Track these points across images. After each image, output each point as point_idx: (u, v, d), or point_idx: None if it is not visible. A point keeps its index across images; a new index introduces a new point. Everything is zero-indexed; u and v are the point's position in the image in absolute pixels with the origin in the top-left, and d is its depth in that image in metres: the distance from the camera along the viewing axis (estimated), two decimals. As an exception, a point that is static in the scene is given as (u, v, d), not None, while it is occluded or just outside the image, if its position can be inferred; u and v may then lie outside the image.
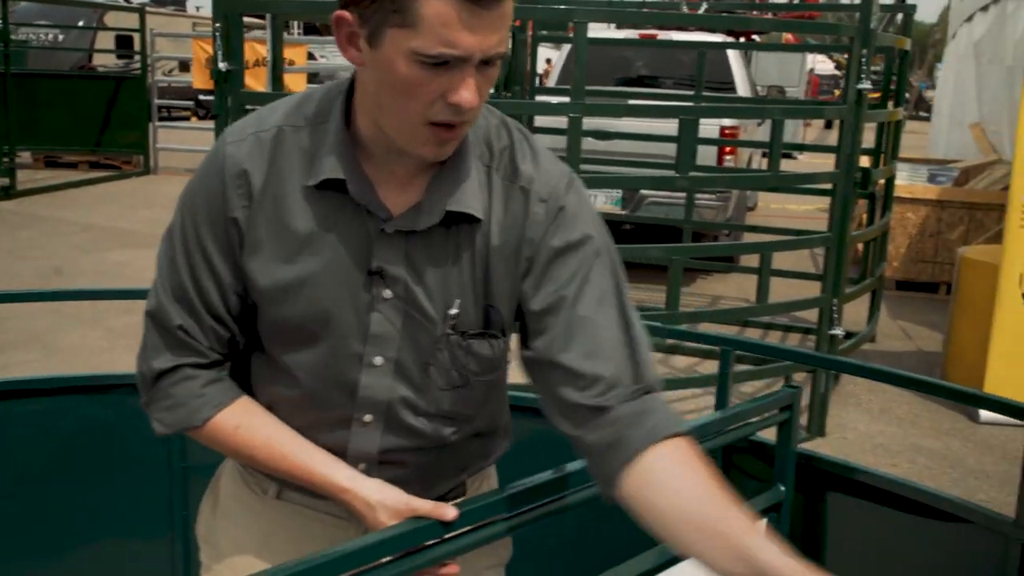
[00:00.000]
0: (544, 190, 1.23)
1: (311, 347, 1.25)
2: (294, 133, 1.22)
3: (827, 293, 4.19)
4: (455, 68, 1.09)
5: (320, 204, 1.21)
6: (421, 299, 1.23)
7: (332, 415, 1.28)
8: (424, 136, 1.14)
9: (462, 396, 1.30)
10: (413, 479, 1.32)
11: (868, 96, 4.04)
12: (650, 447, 1.13)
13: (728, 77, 8.20)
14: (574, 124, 3.62)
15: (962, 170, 8.27)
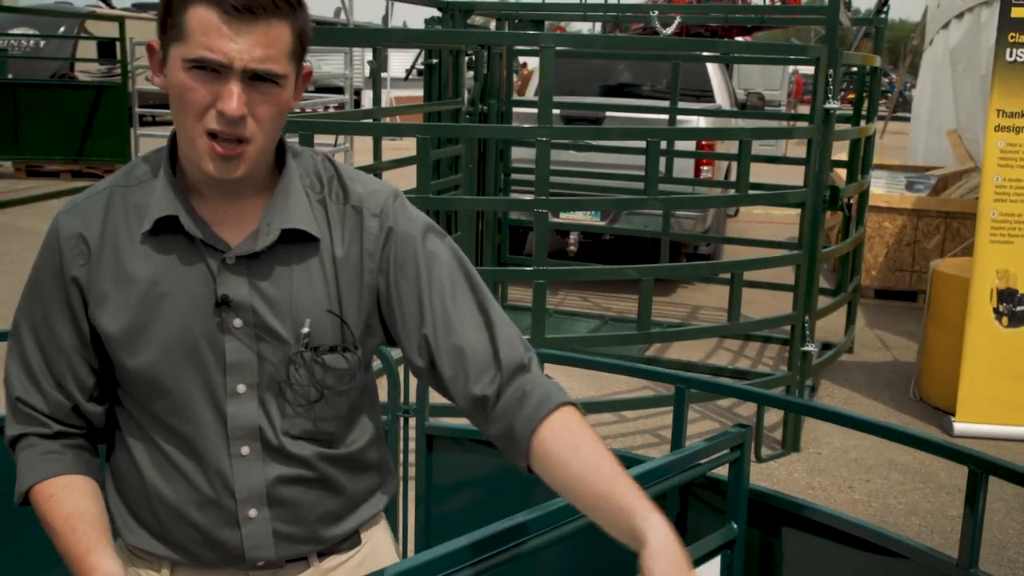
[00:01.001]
0: (375, 206, 1.33)
1: (174, 389, 1.29)
2: (124, 192, 1.30)
3: (799, 311, 4.21)
4: (222, 78, 1.18)
5: (159, 248, 1.27)
6: (271, 322, 1.28)
7: (211, 455, 1.30)
8: (204, 147, 1.21)
9: (322, 412, 1.33)
10: (305, 522, 1.35)
11: (836, 114, 4.06)
12: (536, 430, 1.22)
13: (706, 85, 8.23)
14: (542, 148, 3.64)
15: (940, 178, 8.32)
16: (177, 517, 1.33)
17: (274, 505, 1.33)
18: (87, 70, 16.41)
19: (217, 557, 1.34)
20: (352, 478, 1.40)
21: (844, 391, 5.55)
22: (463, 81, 6.02)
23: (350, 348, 1.33)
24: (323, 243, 1.31)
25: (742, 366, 5.80)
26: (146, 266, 1.27)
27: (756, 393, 2.13)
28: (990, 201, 4.94)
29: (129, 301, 1.27)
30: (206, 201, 1.29)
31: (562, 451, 1.20)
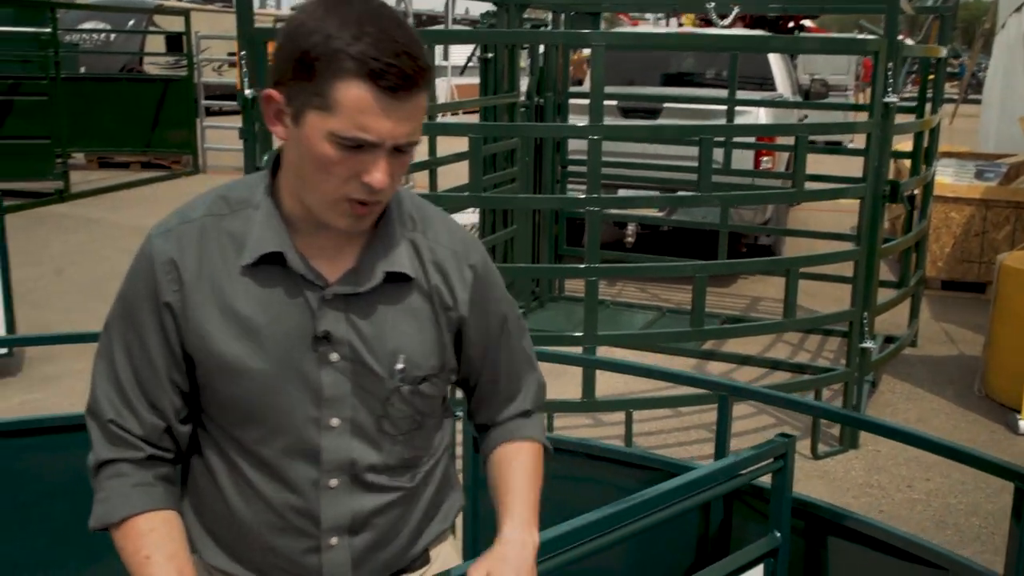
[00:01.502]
0: (467, 254, 1.40)
1: (267, 419, 1.30)
2: (218, 221, 1.30)
3: (857, 307, 4.14)
4: (369, 151, 1.19)
5: (259, 281, 1.28)
6: (367, 357, 1.31)
7: (298, 484, 1.32)
8: (341, 210, 1.23)
9: (415, 440, 1.39)
10: (382, 547, 1.38)
11: (896, 108, 3.97)
12: (501, 445, 1.48)
13: (768, 73, 8.11)
14: (594, 147, 3.63)
15: (1011, 166, 8.08)
16: (257, 540, 1.35)
17: (355, 533, 1.36)
18: (156, 63, 16.78)
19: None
20: (427, 499, 1.44)
21: (906, 386, 5.44)
22: (519, 74, 6.02)
23: (440, 375, 1.39)
24: (417, 280, 1.35)
25: (801, 359, 5.72)
26: (246, 297, 1.28)
27: (797, 402, 2.11)
28: (1060, 193, 4.79)
29: (229, 331, 1.28)
30: (302, 235, 1.30)
31: (501, 462, 1.46)
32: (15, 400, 4.91)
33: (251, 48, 3.77)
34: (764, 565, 1.96)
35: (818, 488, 4.16)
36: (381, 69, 1.14)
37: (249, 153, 3.92)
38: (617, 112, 6.99)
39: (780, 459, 1.93)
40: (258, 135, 3.86)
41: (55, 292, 6.92)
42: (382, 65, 1.14)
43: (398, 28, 1.18)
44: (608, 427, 4.67)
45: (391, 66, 1.15)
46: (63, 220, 9.53)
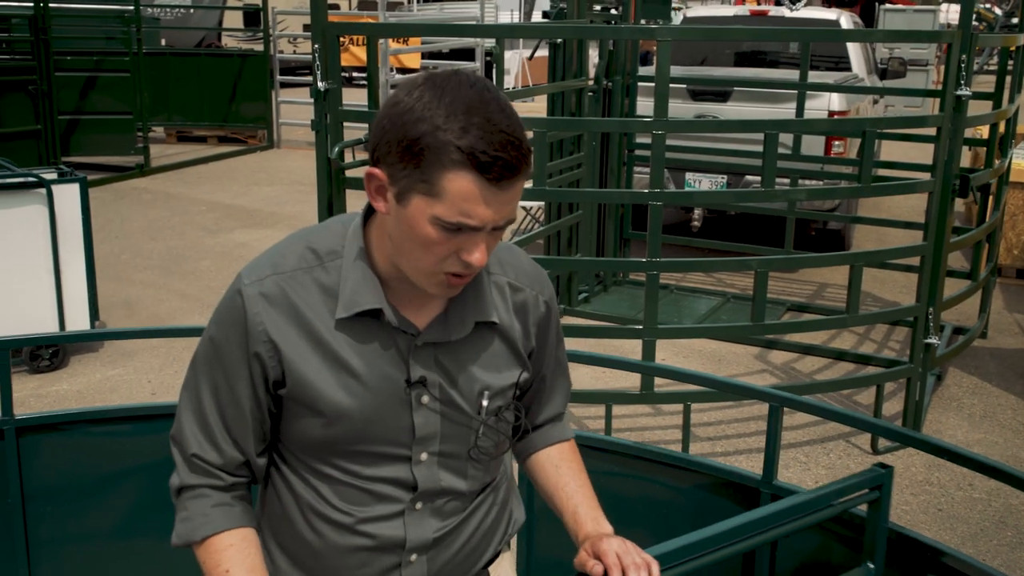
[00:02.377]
0: (542, 289, 1.50)
1: (360, 455, 1.40)
2: (308, 272, 1.36)
3: (922, 302, 4.10)
4: (470, 233, 1.26)
5: (354, 331, 1.36)
6: (456, 398, 1.41)
7: (384, 510, 1.42)
8: (438, 280, 1.31)
9: (497, 462, 1.52)
10: (455, 560, 1.49)
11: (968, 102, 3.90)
12: (545, 448, 1.60)
13: (843, 52, 7.96)
14: (657, 141, 3.65)
15: (1095, 150, 7.81)
16: (339, 562, 1.44)
17: (432, 549, 1.46)
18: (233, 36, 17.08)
19: None
20: (494, 513, 1.55)
21: (973, 379, 5.37)
22: (587, 59, 6.03)
23: (515, 400, 1.50)
24: (503, 324, 1.45)
25: (867, 350, 5.67)
26: (344, 347, 1.35)
27: (846, 416, 2.13)
28: None
29: (330, 379, 1.35)
30: (390, 286, 1.37)
31: (548, 465, 1.58)
32: (96, 376, 5.14)
33: (324, 40, 3.86)
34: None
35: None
36: (488, 162, 1.19)
37: (320, 144, 4.02)
38: (686, 94, 6.96)
39: (876, 490, 1.86)
40: (329, 128, 3.96)
41: (135, 267, 7.18)
42: (489, 158, 1.19)
43: (502, 114, 1.22)
44: (665, 417, 4.71)
45: (497, 159, 1.20)
46: (143, 194, 9.83)
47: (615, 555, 1.35)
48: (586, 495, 1.53)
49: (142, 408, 2.61)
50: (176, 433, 1.43)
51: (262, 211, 9.03)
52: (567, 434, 1.65)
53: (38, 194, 4.93)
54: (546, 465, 1.59)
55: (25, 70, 9.11)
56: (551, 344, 1.55)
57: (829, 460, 4.35)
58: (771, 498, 2.21)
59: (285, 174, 10.95)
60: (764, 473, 2.22)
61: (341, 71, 4.03)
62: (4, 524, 2.50)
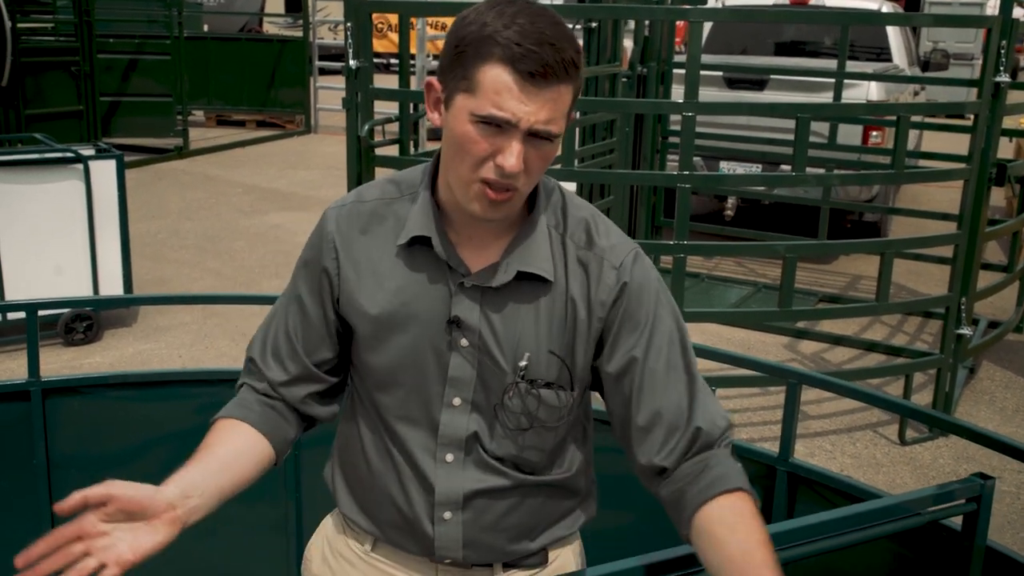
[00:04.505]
0: (616, 259, 1.37)
1: (399, 390, 1.40)
2: (388, 205, 1.41)
3: (954, 292, 4.05)
4: (505, 133, 1.24)
5: (410, 261, 1.38)
6: (493, 349, 1.37)
7: (419, 455, 1.41)
8: (475, 191, 1.28)
9: (529, 442, 1.42)
10: (495, 533, 1.44)
11: (1008, 88, 3.84)
12: (703, 505, 1.29)
13: (883, 43, 7.85)
14: (687, 123, 3.63)
15: None
16: (387, 500, 1.45)
17: (467, 511, 1.42)
18: (275, 22, 17.20)
19: (412, 544, 1.46)
20: (550, 501, 1.47)
21: (1007, 373, 5.29)
22: (622, 44, 6.00)
23: (565, 387, 1.39)
24: (557, 284, 1.37)
25: (898, 342, 5.61)
26: (397, 275, 1.38)
27: (863, 393, 2.11)
28: None
29: (377, 302, 1.38)
30: (455, 224, 1.37)
31: (721, 531, 1.26)
32: (129, 350, 5.22)
33: (356, 19, 3.88)
34: None
35: (904, 476, 4.11)
36: (522, 54, 1.20)
37: (351, 123, 4.05)
38: (722, 82, 6.90)
39: (973, 501, 1.70)
40: (360, 106, 3.98)
41: (171, 246, 7.28)
42: (523, 51, 1.20)
43: (551, 24, 1.23)
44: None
45: (532, 52, 1.20)
46: (181, 176, 9.95)
47: None
48: (770, 569, 1.21)
49: (167, 374, 2.64)
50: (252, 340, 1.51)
51: (297, 194, 9.11)
52: (735, 480, 1.30)
53: (75, 170, 5.01)
54: (716, 534, 1.26)
55: (68, 51, 9.25)
56: (640, 332, 1.35)
57: (855, 449, 4.31)
58: (787, 476, 2.19)
59: (321, 159, 11.02)
60: (781, 451, 2.20)
61: (377, 57, 4.05)
62: (29, 487, 2.55)
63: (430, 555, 1.45)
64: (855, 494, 2.02)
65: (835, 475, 2.14)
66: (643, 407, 1.35)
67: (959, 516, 1.74)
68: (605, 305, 1.36)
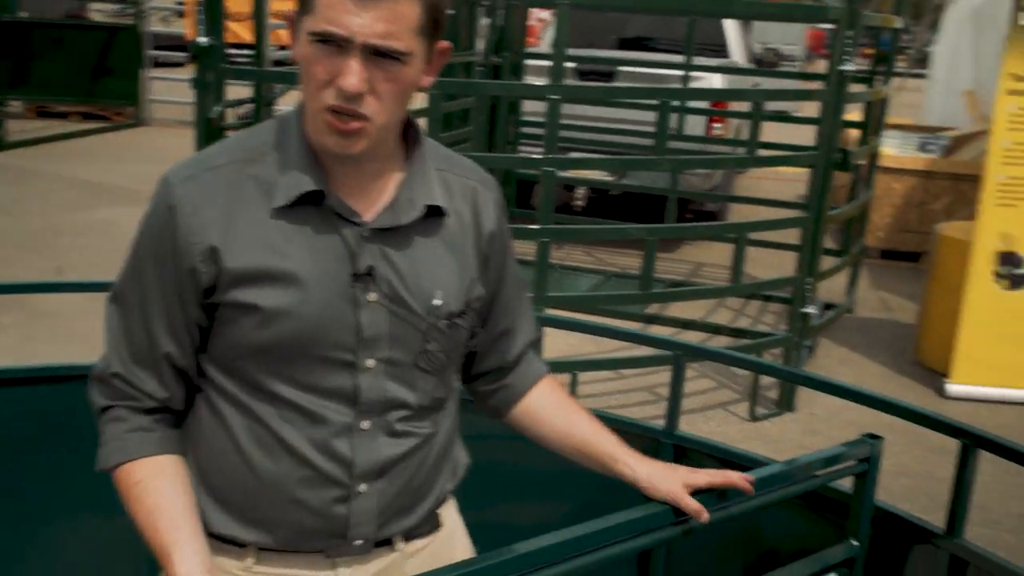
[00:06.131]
0: (490, 186, 1.43)
1: (305, 363, 1.28)
2: (243, 168, 1.27)
3: (801, 272, 4.25)
4: (344, 52, 1.18)
5: (294, 223, 1.26)
6: (404, 295, 1.30)
7: (330, 429, 1.30)
8: (324, 122, 1.22)
9: (446, 374, 1.40)
10: (406, 494, 1.37)
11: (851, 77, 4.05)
12: (531, 387, 1.52)
13: (722, 40, 8.17)
14: (553, 107, 3.65)
15: (953, 139, 8.27)
16: (280, 496, 1.31)
17: (382, 479, 1.34)
18: (102, 9, 16.29)
19: (316, 536, 1.34)
20: (441, 445, 1.42)
21: (842, 351, 5.60)
22: (477, 32, 5.99)
23: (473, 307, 1.40)
24: (449, 216, 1.35)
25: (742, 325, 5.84)
26: (283, 241, 1.26)
27: (752, 361, 2.16)
28: (998, 164, 4.94)
29: (269, 277, 1.25)
30: (332, 173, 1.28)
31: (549, 406, 1.51)
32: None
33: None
34: (837, 574, 1.79)
35: (755, 449, 4.27)
36: None
37: (201, 104, 3.86)
38: (573, 74, 7.01)
39: (864, 462, 1.76)
40: (211, 85, 3.81)
41: (-6, 242, 6.77)
42: None
43: None
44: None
45: None
46: (1, 172, 9.28)
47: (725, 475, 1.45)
48: (605, 431, 1.48)
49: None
50: (102, 357, 1.33)
51: (128, 188, 8.64)
52: (545, 367, 1.56)
53: None
54: (546, 409, 1.51)
55: None
56: (508, 256, 1.46)
57: (709, 428, 4.45)
58: (673, 448, 2.22)
59: (154, 152, 10.50)
60: (667, 424, 2.23)
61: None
62: None
63: (338, 540, 1.35)
64: (742, 462, 2.06)
65: (720, 444, 2.19)
66: (504, 316, 1.49)
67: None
68: (490, 230, 1.40)
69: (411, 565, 1.41)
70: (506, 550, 1.25)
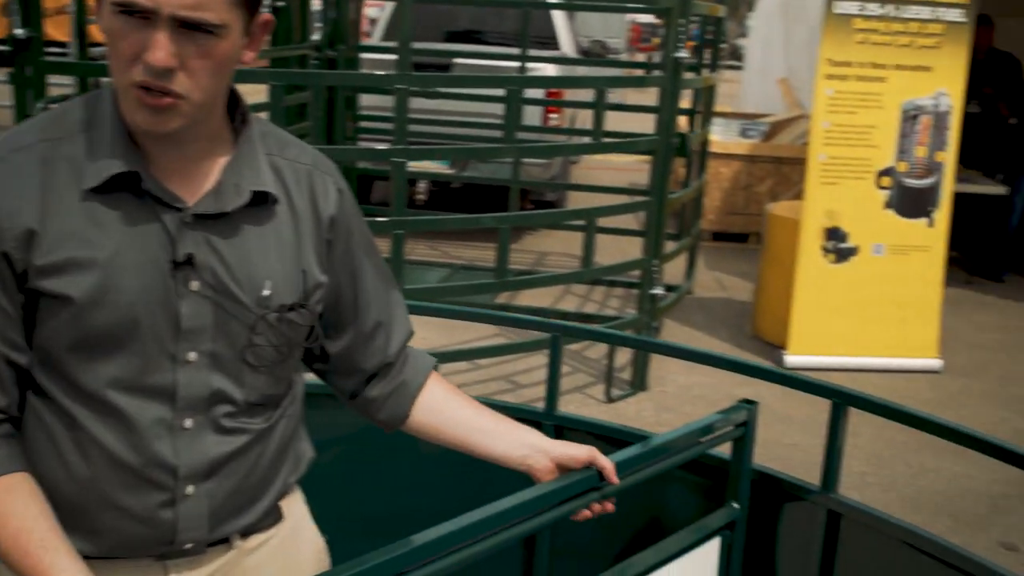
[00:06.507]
0: (328, 169, 1.35)
1: (120, 357, 1.20)
2: (56, 147, 1.19)
3: (648, 255, 4.38)
4: (151, 24, 1.10)
5: (109, 206, 1.18)
6: (230, 285, 1.23)
7: (151, 429, 1.22)
8: (132, 99, 1.14)
9: (280, 373, 1.31)
10: (238, 494, 1.30)
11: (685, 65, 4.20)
12: (425, 383, 1.47)
13: (552, 33, 8.30)
14: (401, 97, 3.60)
15: (771, 124, 8.73)
16: (101, 503, 1.23)
17: (212, 478, 1.27)
18: None
19: (143, 543, 1.26)
20: (279, 441, 1.35)
21: (686, 330, 5.81)
22: (311, 25, 5.85)
23: (308, 302, 1.31)
24: (281, 202, 1.28)
25: (589, 310, 5.98)
26: (95, 227, 1.17)
27: (631, 339, 2.21)
28: (820, 145, 5.24)
29: (82, 265, 1.17)
30: (151, 155, 1.20)
31: (450, 399, 1.48)
32: None
33: (22, -15, 3.45)
34: (721, 538, 1.86)
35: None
36: None
37: (20, 102, 3.60)
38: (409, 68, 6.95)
39: (741, 427, 1.83)
40: (31, 81, 3.56)
41: None
42: None
43: None
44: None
45: None
46: None
47: None
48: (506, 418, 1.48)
49: None
50: None
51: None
52: (432, 359, 1.51)
53: None
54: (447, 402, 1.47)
55: None
56: (360, 242, 1.38)
57: (568, 411, 4.52)
58: (554, 429, 2.23)
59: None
60: (547, 405, 2.24)
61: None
62: None
63: (166, 547, 1.27)
64: (624, 438, 2.09)
65: (601, 422, 2.22)
66: (373, 309, 1.41)
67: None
68: (330, 215, 1.32)
69: (252, 560, 1.36)
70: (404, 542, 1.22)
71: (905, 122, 5.23)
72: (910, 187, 5.28)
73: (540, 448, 1.45)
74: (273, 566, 1.38)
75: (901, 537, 1.81)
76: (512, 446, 1.45)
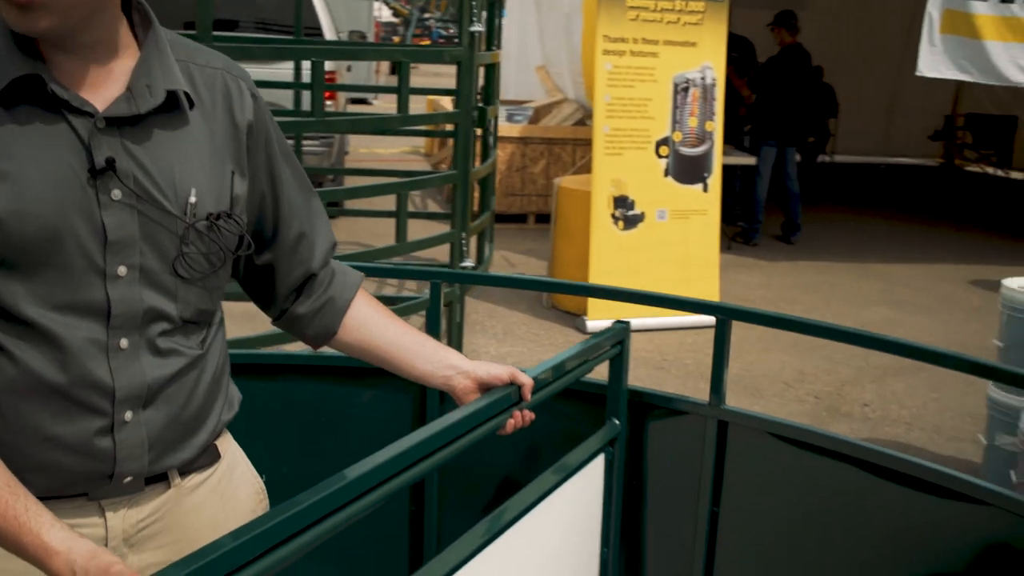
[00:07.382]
0: (240, 74, 1.30)
1: (45, 276, 1.13)
2: None
3: (456, 229, 4.41)
4: None
5: (12, 119, 1.11)
6: (154, 192, 1.17)
7: (84, 352, 1.15)
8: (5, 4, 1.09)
9: (212, 284, 1.27)
10: (177, 424, 1.25)
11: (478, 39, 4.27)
12: (353, 297, 1.45)
13: (315, 22, 8.17)
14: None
15: (535, 109, 9.03)
16: (30, 435, 1.15)
17: (150, 405, 1.21)
18: None
19: (80, 477, 1.19)
20: (213, 370, 1.31)
21: (487, 306, 5.92)
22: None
23: (235, 210, 1.26)
24: (196, 107, 1.23)
25: (388, 293, 5.94)
26: (3, 137, 1.10)
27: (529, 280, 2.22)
28: (603, 118, 5.49)
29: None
30: (54, 63, 1.14)
31: (378, 314, 1.46)
32: None
33: None
34: (604, 454, 1.94)
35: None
36: None
37: None
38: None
39: (618, 345, 1.91)
40: None
41: None
42: None
43: None
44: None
45: None
46: None
47: None
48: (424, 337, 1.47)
49: None
50: None
51: None
52: (359, 273, 1.49)
53: None
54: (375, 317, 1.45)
55: None
56: (278, 151, 1.35)
57: (388, 391, 4.50)
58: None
59: None
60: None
61: None
62: None
63: (104, 479, 1.20)
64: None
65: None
66: (295, 219, 1.37)
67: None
68: (248, 120, 1.28)
69: (191, 500, 1.31)
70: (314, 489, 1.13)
71: (677, 94, 5.59)
72: (685, 155, 5.66)
73: (462, 370, 1.47)
74: (212, 506, 1.34)
75: (781, 433, 1.94)
76: (436, 367, 1.46)
